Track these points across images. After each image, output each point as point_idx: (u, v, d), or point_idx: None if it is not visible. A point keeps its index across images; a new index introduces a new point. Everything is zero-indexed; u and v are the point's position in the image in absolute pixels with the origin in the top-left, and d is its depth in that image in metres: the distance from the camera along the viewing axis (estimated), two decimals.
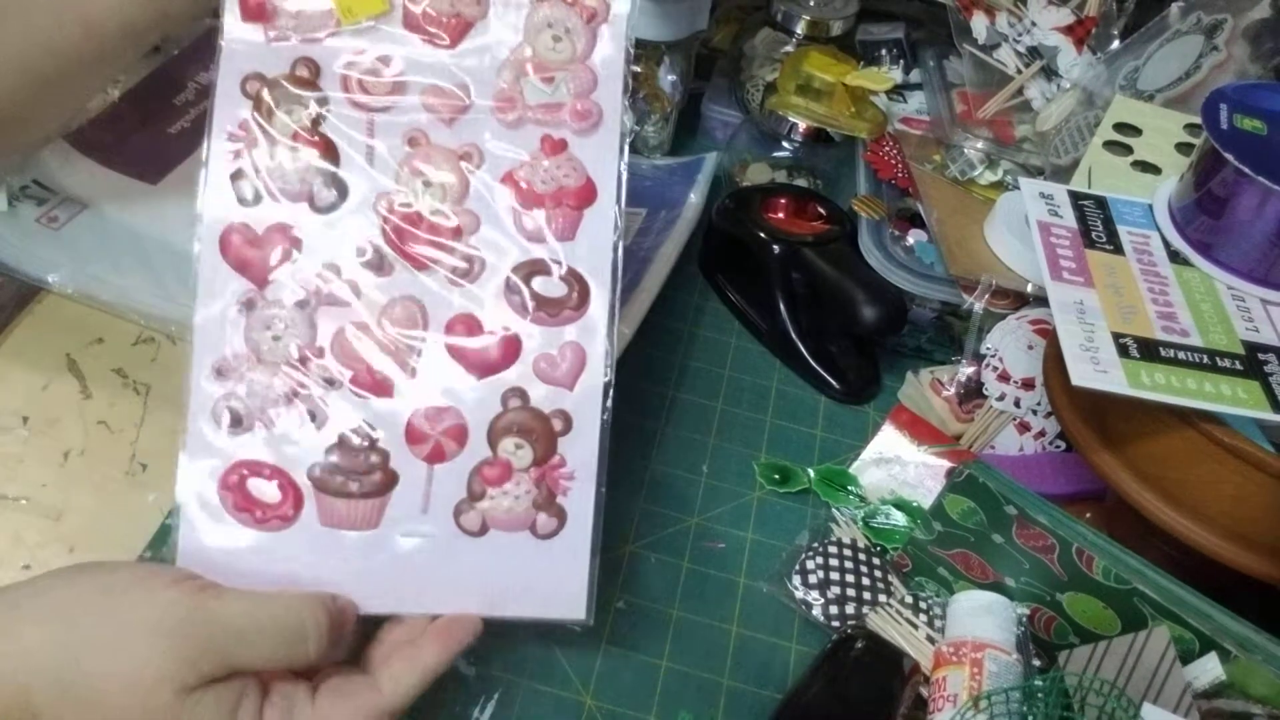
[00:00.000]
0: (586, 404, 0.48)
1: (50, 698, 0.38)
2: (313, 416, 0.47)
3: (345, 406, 0.47)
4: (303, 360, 0.47)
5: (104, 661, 0.38)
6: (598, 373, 0.47)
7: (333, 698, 0.43)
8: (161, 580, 0.41)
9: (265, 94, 0.47)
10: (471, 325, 0.47)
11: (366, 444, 0.47)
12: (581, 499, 0.48)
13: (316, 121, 0.47)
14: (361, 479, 0.47)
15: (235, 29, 0.48)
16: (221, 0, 0.48)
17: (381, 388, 0.47)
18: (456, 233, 0.48)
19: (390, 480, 0.47)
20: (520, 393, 0.48)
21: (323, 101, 0.47)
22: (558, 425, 0.48)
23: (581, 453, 0.48)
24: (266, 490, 0.46)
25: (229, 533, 0.46)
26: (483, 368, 0.48)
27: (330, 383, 0.47)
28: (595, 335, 0.48)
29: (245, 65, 0.47)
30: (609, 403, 0.48)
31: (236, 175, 0.47)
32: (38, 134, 0.62)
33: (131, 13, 0.50)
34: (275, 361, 0.47)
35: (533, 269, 0.48)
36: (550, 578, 0.47)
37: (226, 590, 0.42)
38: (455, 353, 0.48)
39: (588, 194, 0.48)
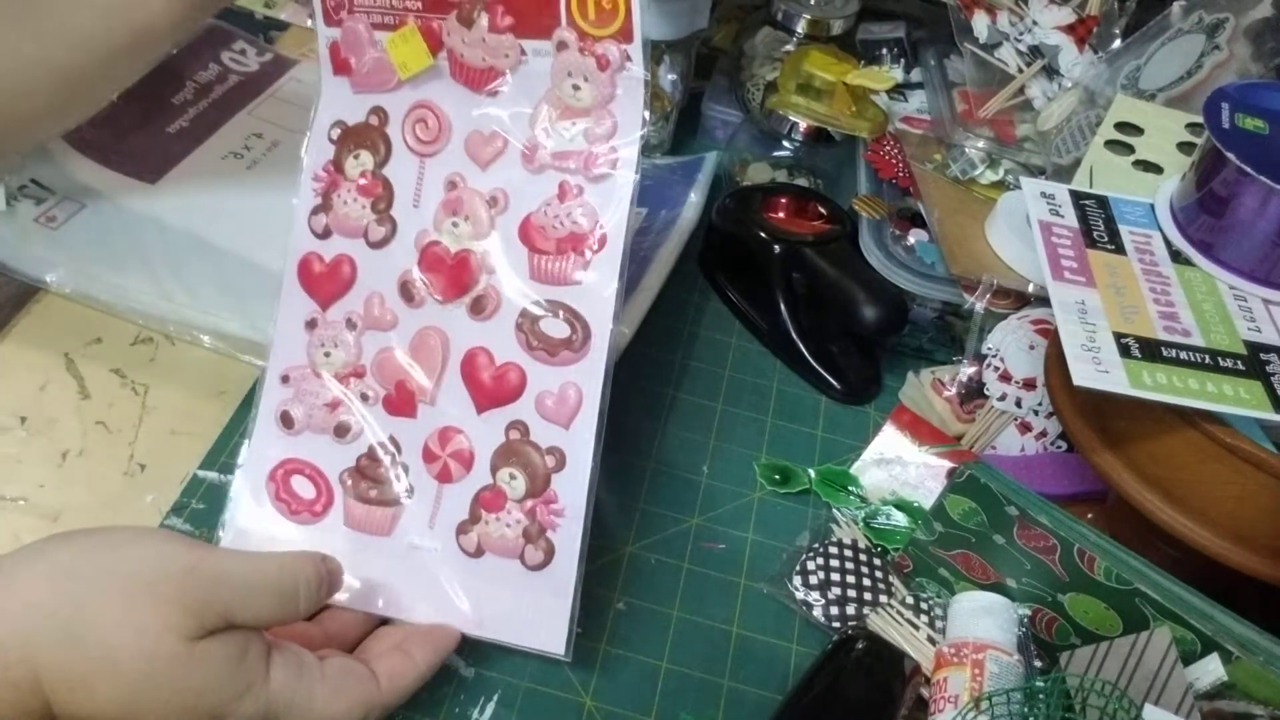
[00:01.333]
0: (580, 444, 0.49)
1: (54, 654, 0.38)
2: (350, 428, 0.52)
3: (377, 421, 0.52)
4: (347, 377, 0.52)
5: (109, 612, 0.38)
6: (592, 414, 0.49)
7: (339, 673, 0.45)
8: (158, 537, 0.42)
9: (345, 138, 0.53)
10: (485, 357, 0.51)
11: (391, 457, 0.52)
12: (569, 537, 0.49)
13: (380, 164, 0.52)
14: (382, 488, 0.51)
15: (328, 81, 0.53)
16: (318, 59, 0.53)
17: (407, 408, 0.52)
18: (478, 270, 0.51)
19: (406, 493, 0.51)
20: (521, 426, 0.50)
21: (388, 146, 0.52)
22: (551, 462, 0.49)
23: (572, 491, 0.49)
24: (304, 487, 0.52)
25: (266, 517, 0.52)
26: (491, 398, 0.50)
27: (366, 398, 0.52)
28: (594, 377, 0.49)
29: (335, 113, 0.53)
30: (600, 447, 0.49)
31: (315, 210, 0.53)
32: (62, 128, 0.62)
33: (179, 11, 0.51)
34: (324, 375, 0.53)
35: (542, 309, 0.50)
36: (535, 609, 0.49)
37: (220, 549, 0.44)
38: (469, 382, 0.51)
39: (598, 240, 0.49)
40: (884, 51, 0.90)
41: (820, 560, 0.58)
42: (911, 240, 0.72)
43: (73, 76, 0.52)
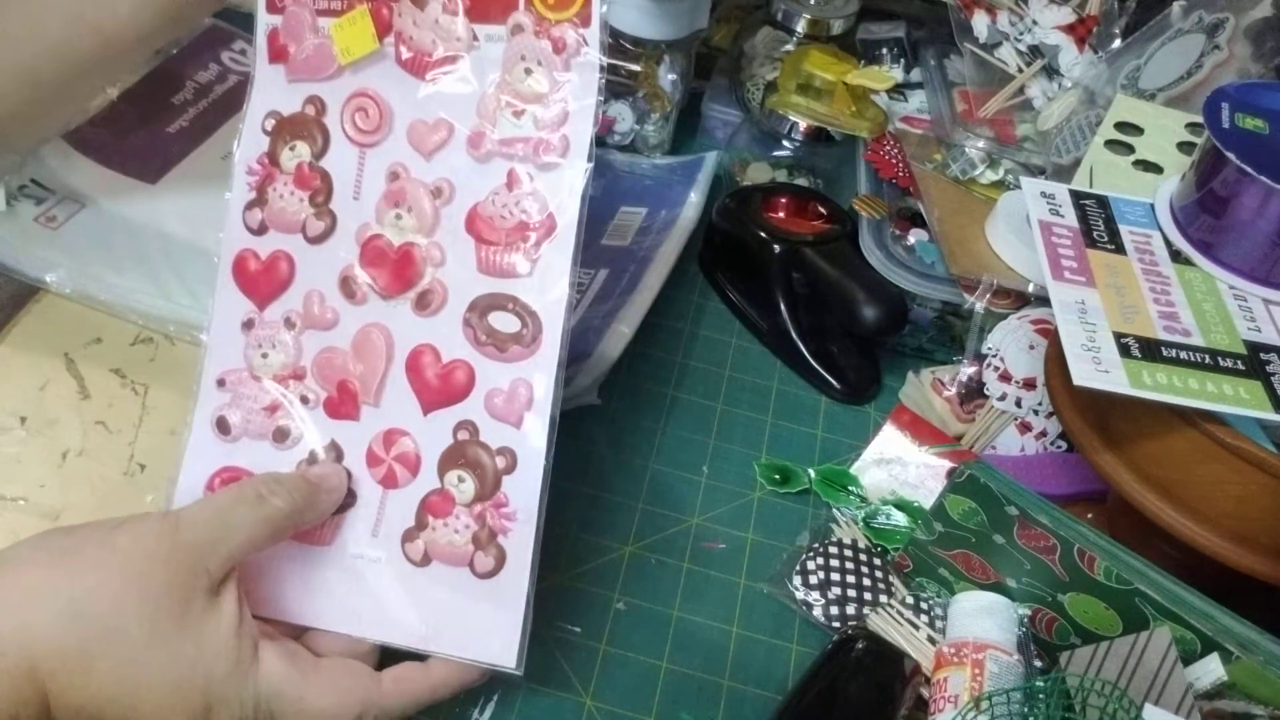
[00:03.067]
0: (532, 443, 0.47)
1: (54, 633, 0.38)
2: (289, 432, 0.50)
3: (318, 425, 0.49)
4: (286, 379, 0.50)
5: (109, 584, 0.39)
6: (545, 412, 0.46)
7: (336, 667, 0.44)
8: (147, 516, 0.43)
9: (280, 129, 0.50)
10: (431, 355, 0.48)
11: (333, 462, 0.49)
12: (521, 542, 0.47)
13: (318, 156, 0.50)
14: None
15: (263, 70, 0.50)
16: (253, 43, 0.50)
17: (350, 410, 0.49)
18: (423, 264, 0.48)
19: (348, 501, 0.49)
20: (470, 426, 0.47)
21: (325, 137, 0.49)
22: (502, 463, 0.47)
23: (524, 494, 0.47)
24: None
25: None
26: (438, 397, 0.48)
27: (306, 401, 0.50)
28: (545, 374, 0.47)
29: (269, 103, 0.50)
30: (552, 447, 0.47)
31: (250, 205, 0.50)
32: (39, 135, 0.62)
33: (146, 21, 0.51)
34: (263, 378, 0.50)
35: (491, 303, 0.47)
36: (485, 620, 0.47)
37: (188, 508, 0.43)
38: (415, 381, 0.48)
39: (547, 229, 0.47)
40: (884, 51, 0.90)
41: (820, 560, 0.58)
42: (911, 240, 0.72)
43: (42, 83, 0.52)
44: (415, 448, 0.48)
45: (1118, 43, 0.76)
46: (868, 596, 0.57)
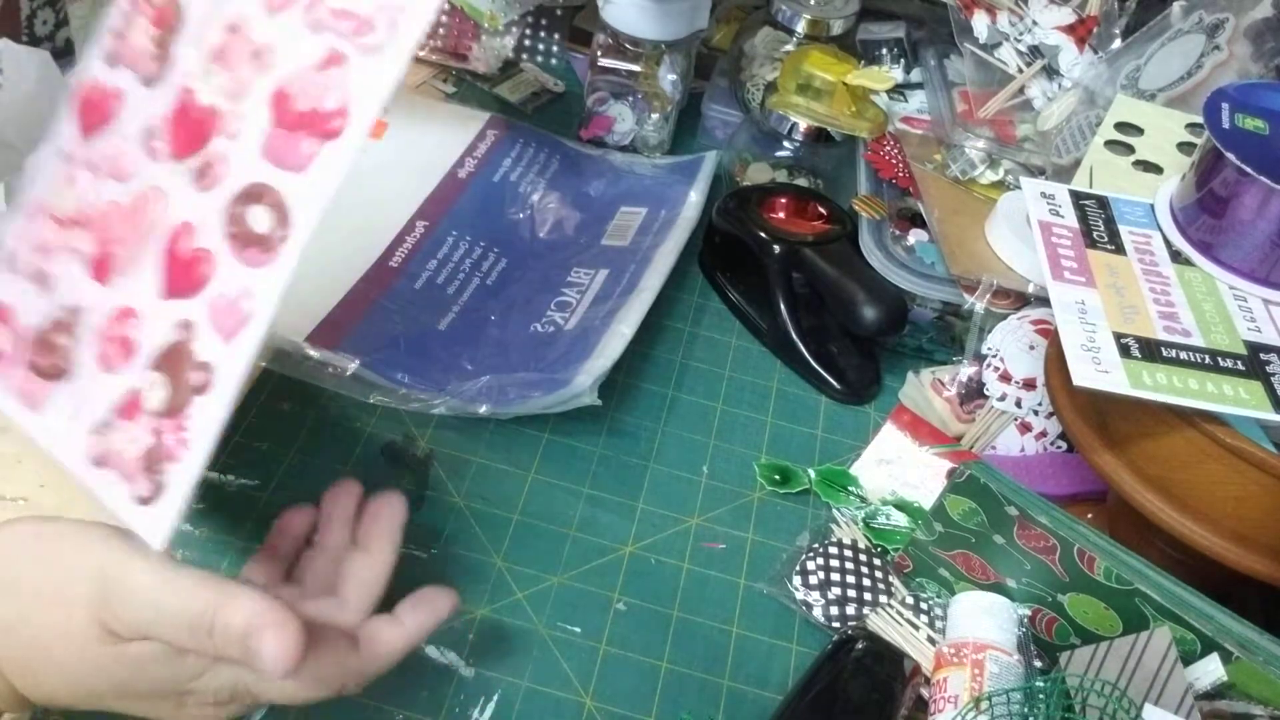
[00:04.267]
0: (233, 367, 0.41)
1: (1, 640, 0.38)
2: (50, 280, 0.45)
3: (76, 282, 0.44)
4: (66, 223, 0.45)
5: (42, 612, 0.38)
6: (256, 336, 0.40)
7: (313, 656, 0.41)
8: (93, 535, 0.40)
9: None
10: (188, 236, 0.43)
11: (68, 323, 0.44)
12: (180, 479, 0.41)
13: None
14: (47, 358, 0.45)
15: None
16: None
17: (103, 275, 0.44)
18: (217, 132, 0.43)
19: (64, 370, 0.44)
20: (189, 326, 0.42)
21: None
22: (198, 379, 0.41)
23: (204, 423, 0.41)
24: (2, 335, 0.46)
25: None
26: (180, 285, 0.43)
27: (76, 253, 0.45)
28: (273, 291, 0.40)
29: None
30: (249, 375, 0.41)
31: (116, 35, 0.45)
32: None
33: None
34: (55, 217, 0.45)
35: (253, 195, 0.41)
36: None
37: (149, 559, 0.40)
38: (169, 259, 0.43)
39: (337, 126, 0.40)
40: (884, 51, 0.90)
41: (820, 560, 0.58)
42: (911, 240, 0.72)
43: None
44: (138, 334, 0.43)
45: (1118, 43, 0.76)
46: (868, 597, 0.57)
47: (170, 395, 0.41)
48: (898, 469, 0.65)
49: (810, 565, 0.58)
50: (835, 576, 0.57)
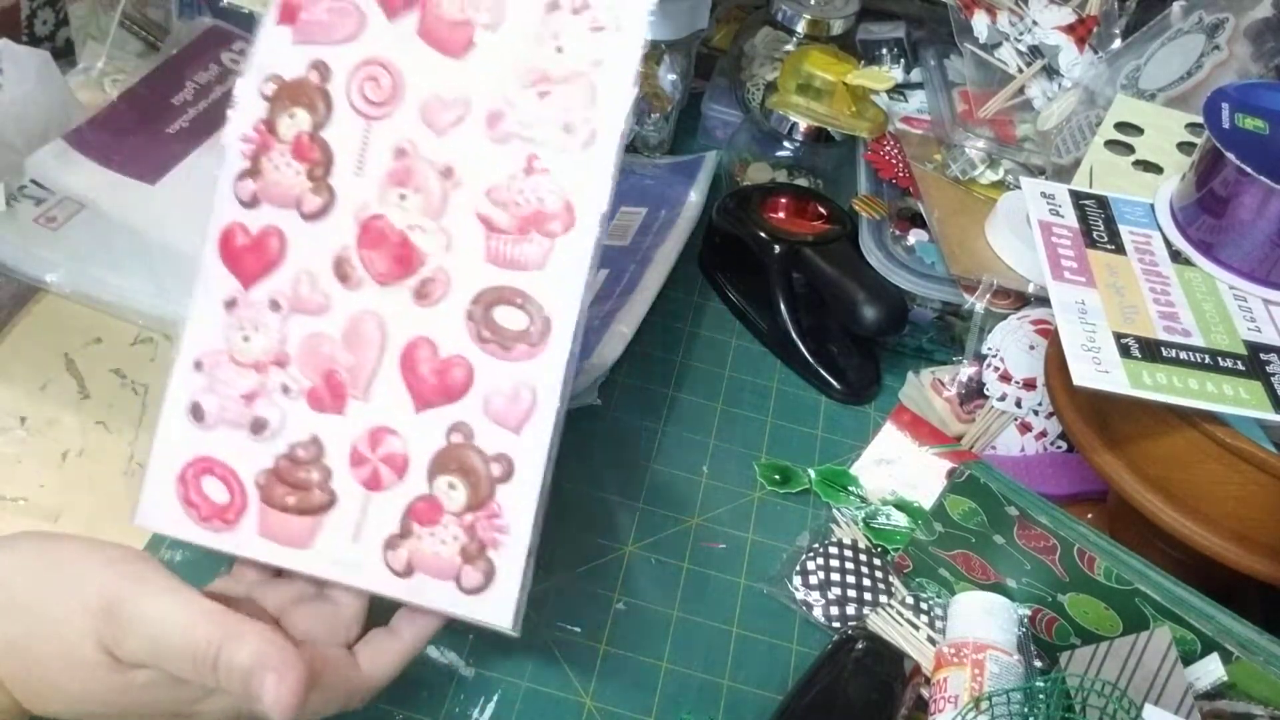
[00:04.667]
0: (532, 452, 0.44)
1: (2, 658, 0.38)
2: (268, 424, 0.46)
3: (299, 418, 0.46)
4: (267, 365, 0.46)
5: (45, 638, 0.38)
6: (549, 419, 0.43)
7: (313, 662, 0.41)
8: (99, 559, 0.40)
9: (280, 95, 0.46)
10: (428, 349, 0.45)
11: (312, 459, 0.46)
12: (512, 558, 0.43)
13: (319, 126, 0.46)
14: (302, 495, 0.46)
15: (269, 31, 0.47)
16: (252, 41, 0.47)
17: (335, 403, 0.46)
18: (426, 250, 0.45)
19: (328, 501, 0.45)
20: (464, 428, 0.44)
21: (329, 105, 0.46)
22: (497, 470, 0.44)
23: (519, 505, 0.43)
24: (216, 490, 0.46)
25: (174, 522, 0.46)
26: (432, 395, 0.45)
27: (287, 390, 0.46)
28: (553, 376, 0.43)
29: (270, 66, 0.47)
30: (553, 457, 0.44)
31: (242, 175, 0.47)
32: None
33: None
34: (242, 363, 0.46)
35: (497, 297, 0.44)
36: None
37: (155, 586, 0.39)
38: (408, 376, 0.45)
39: (565, 221, 0.44)
40: (884, 51, 0.90)
41: (820, 560, 0.58)
42: (911, 240, 0.72)
43: None
44: (404, 448, 0.45)
45: (1118, 43, 0.76)
46: (868, 597, 0.57)
47: (469, 492, 0.44)
48: (898, 469, 0.65)
49: (810, 565, 0.58)
50: (835, 576, 0.57)
